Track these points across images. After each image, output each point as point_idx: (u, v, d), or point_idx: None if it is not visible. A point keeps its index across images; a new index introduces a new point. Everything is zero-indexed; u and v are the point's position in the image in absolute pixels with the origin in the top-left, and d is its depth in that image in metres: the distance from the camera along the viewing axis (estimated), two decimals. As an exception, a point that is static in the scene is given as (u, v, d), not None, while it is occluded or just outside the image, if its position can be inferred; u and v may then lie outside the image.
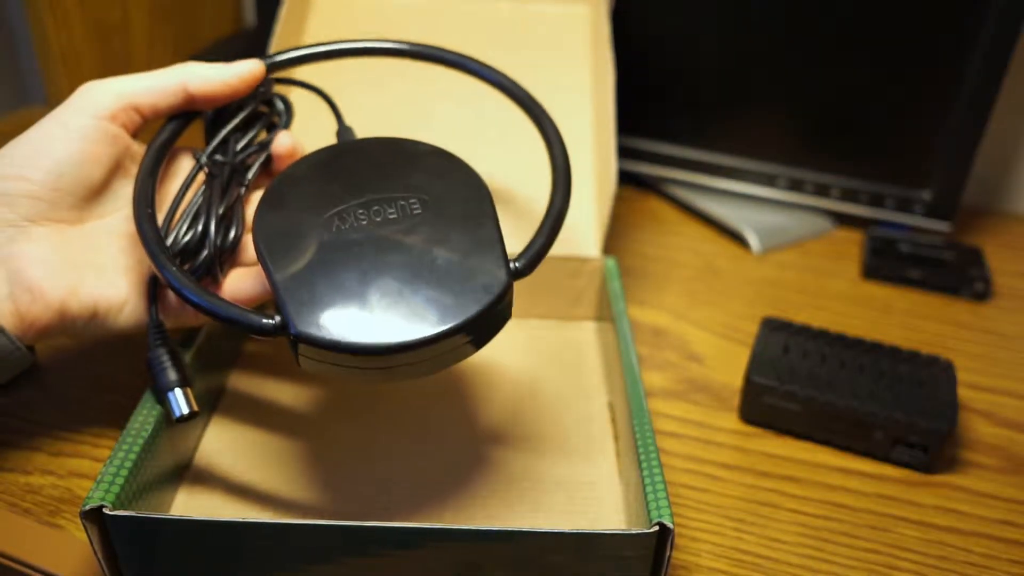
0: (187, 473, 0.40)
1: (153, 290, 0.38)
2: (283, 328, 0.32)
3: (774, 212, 0.66)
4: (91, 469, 0.40)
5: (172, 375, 0.37)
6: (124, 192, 0.39)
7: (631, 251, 0.62)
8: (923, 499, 0.42)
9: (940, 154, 0.61)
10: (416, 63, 0.44)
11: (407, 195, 0.36)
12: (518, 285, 0.35)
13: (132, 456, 0.34)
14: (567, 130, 0.48)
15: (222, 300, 0.33)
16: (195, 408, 0.37)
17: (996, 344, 0.54)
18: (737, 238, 0.65)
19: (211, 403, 0.43)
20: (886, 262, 0.60)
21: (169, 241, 0.37)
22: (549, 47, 0.58)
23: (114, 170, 0.38)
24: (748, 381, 0.45)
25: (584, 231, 0.51)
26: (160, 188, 0.40)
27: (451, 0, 0.59)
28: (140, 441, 0.35)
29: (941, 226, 0.63)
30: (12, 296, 0.35)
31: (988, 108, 0.58)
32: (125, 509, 0.32)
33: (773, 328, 0.48)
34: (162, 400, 0.37)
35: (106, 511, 0.31)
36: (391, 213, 0.35)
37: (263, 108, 0.43)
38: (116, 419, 0.43)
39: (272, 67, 0.42)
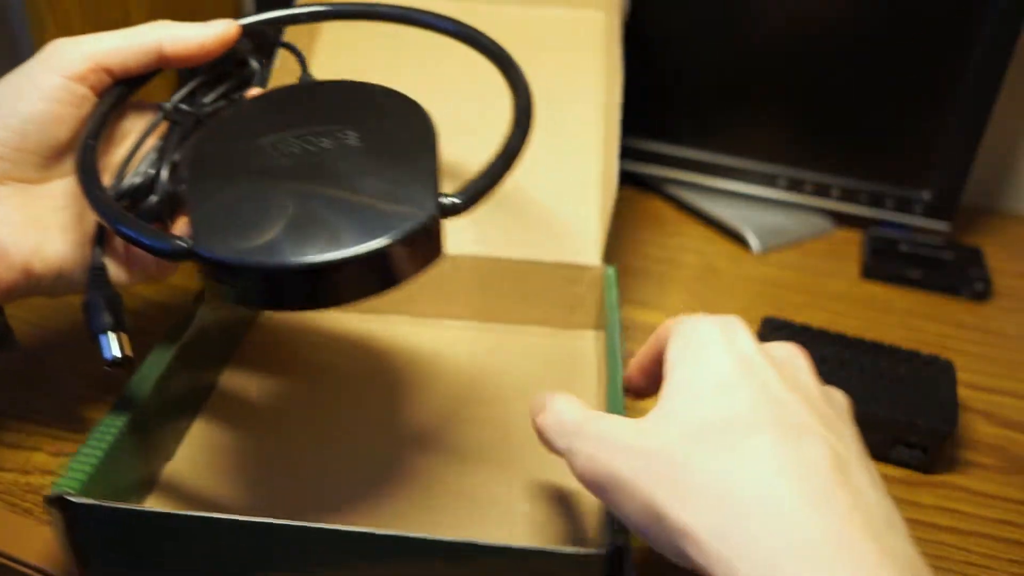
0: (162, 472, 0.40)
1: (100, 235, 0.37)
2: (190, 255, 0.31)
3: (774, 212, 0.66)
4: (91, 469, 0.40)
5: (107, 318, 0.35)
6: None
7: (632, 252, 0.62)
8: (923, 499, 0.42)
9: (940, 154, 0.61)
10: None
11: (346, 127, 0.35)
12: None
13: (103, 446, 0.34)
14: (577, 137, 0.48)
15: (131, 217, 0.32)
16: (128, 353, 0.35)
17: (996, 344, 0.54)
18: (737, 238, 0.65)
19: (196, 403, 0.43)
20: (886, 262, 0.60)
21: (120, 184, 0.37)
22: (560, 52, 0.58)
23: (79, 131, 0.37)
24: (748, 381, 0.45)
25: (585, 238, 0.51)
26: (123, 142, 0.39)
27: (462, 4, 0.59)
28: (113, 431, 0.35)
29: (941, 226, 0.63)
30: None
31: (988, 108, 0.58)
32: (91, 498, 0.32)
33: (773, 328, 0.48)
34: (95, 342, 0.35)
35: (71, 498, 0.31)
36: (325, 143, 0.34)
37: (238, 68, 0.43)
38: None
39: (247, 28, 0.41)
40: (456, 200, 0.33)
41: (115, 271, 0.38)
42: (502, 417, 0.44)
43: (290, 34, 0.54)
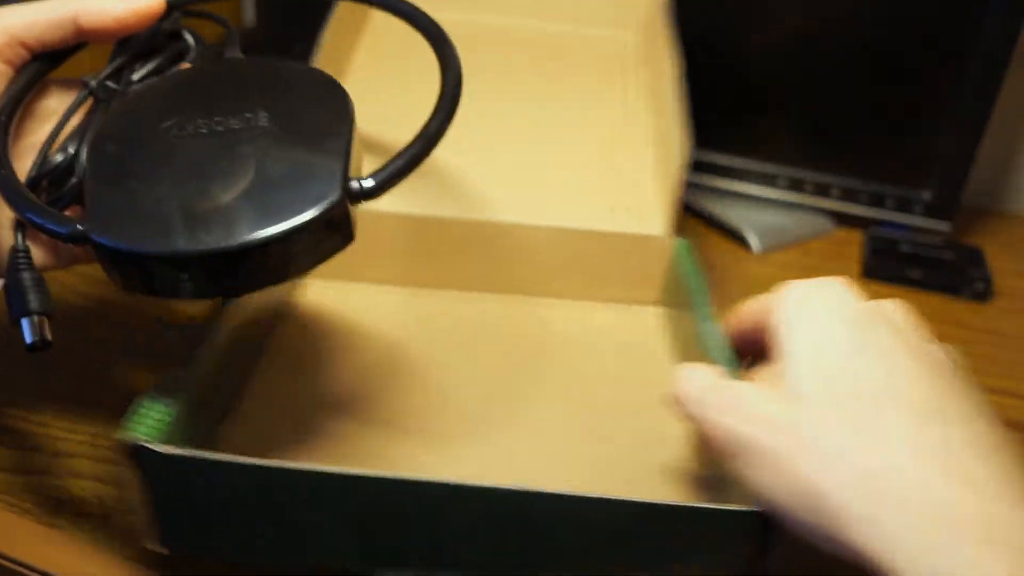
0: (218, 432, 0.39)
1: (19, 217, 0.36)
2: (83, 239, 0.30)
3: (774, 212, 0.66)
4: (91, 469, 0.40)
5: (30, 301, 0.33)
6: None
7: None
8: (923, 499, 0.42)
9: (940, 154, 0.61)
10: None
11: (257, 108, 0.33)
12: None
13: (172, 400, 0.33)
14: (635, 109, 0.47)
15: (34, 199, 0.31)
16: (48, 338, 0.33)
17: (996, 344, 0.54)
18: (737, 238, 0.65)
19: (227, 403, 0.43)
20: (886, 262, 0.60)
21: (40, 164, 0.35)
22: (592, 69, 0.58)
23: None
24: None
25: (645, 207, 0.50)
26: (47, 121, 0.38)
27: (499, 23, 0.59)
28: (184, 386, 0.34)
29: (941, 226, 0.63)
30: None
31: (988, 108, 0.58)
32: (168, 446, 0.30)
33: (773, 328, 0.48)
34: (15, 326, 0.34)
35: (151, 447, 0.30)
36: (234, 124, 0.32)
37: (169, 42, 0.40)
38: (116, 419, 0.43)
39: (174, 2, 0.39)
40: (367, 183, 0.31)
41: (40, 255, 0.36)
42: (571, 392, 0.43)
43: (334, 30, 0.53)
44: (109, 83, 0.38)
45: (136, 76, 0.39)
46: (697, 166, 0.67)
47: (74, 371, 0.46)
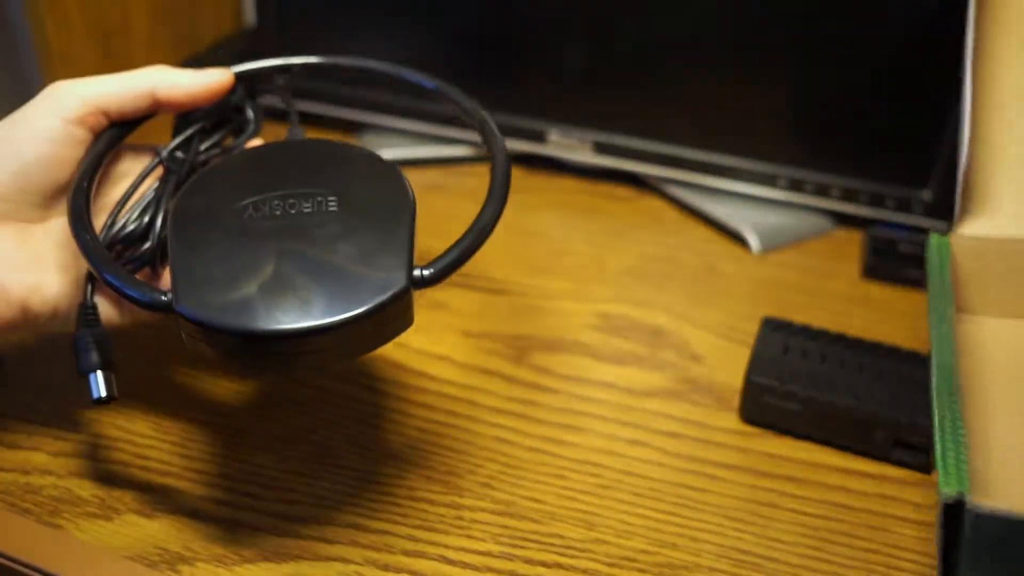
0: None
1: (92, 274, 0.37)
2: (168, 308, 0.32)
3: (774, 212, 0.66)
4: (91, 469, 0.40)
5: (95, 357, 0.35)
6: None
7: (631, 251, 0.62)
8: (923, 499, 0.42)
9: (940, 154, 0.61)
10: None
11: (326, 192, 0.36)
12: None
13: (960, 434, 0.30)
14: None
15: (119, 267, 0.33)
16: (114, 394, 0.36)
17: (996, 344, 0.54)
18: (737, 238, 0.65)
19: None
20: (886, 262, 0.60)
21: (115, 228, 0.38)
22: None
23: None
24: (748, 381, 0.45)
25: None
26: (119, 183, 0.41)
27: None
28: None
29: (941, 226, 0.63)
30: None
31: (988, 108, 0.58)
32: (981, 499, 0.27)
33: (773, 328, 0.48)
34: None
35: (970, 505, 0.28)
36: (306, 207, 0.35)
37: (233, 115, 0.44)
38: (117, 419, 0.43)
39: (241, 76, 0.43)
40: (428, 272, 0.34)
41: (107, 311, 0.38)
42: None
43: None
44: (178, 153, 0.40)
45: (203, 147, 0.42)
46: (697, 166, 0.67)
47: (75, 369, 0.46)
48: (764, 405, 0.45)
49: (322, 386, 0.46)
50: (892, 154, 0.63)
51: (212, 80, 0.40)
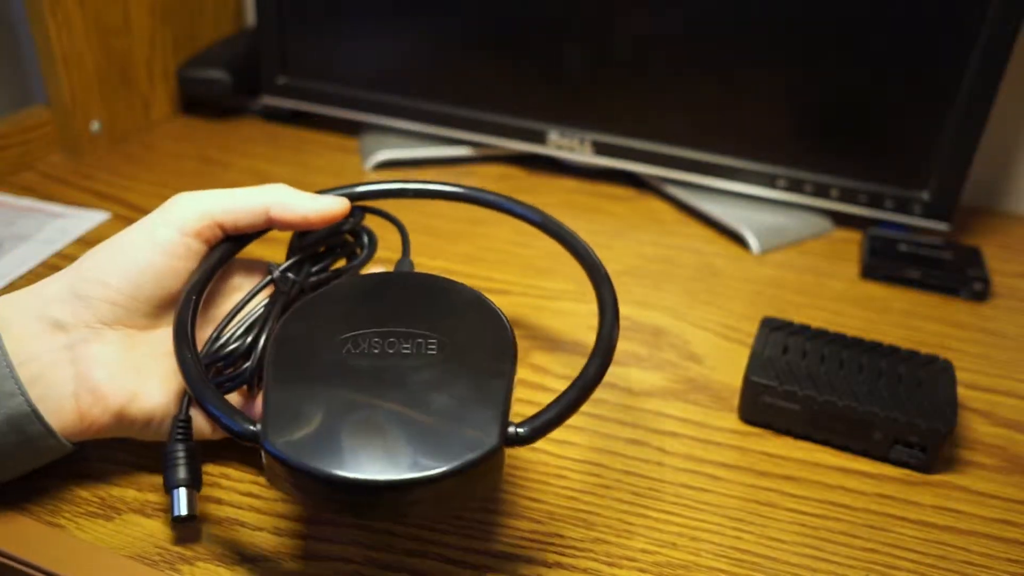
0: None
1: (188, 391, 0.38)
2: (256, 439, 0.32)
3: (773, 212, 0.66)
4: (92, 469, 0.40)
5: (182, 473, 0.36)
6: None
7: (631, 251, 0.62)
8: (922, 499, 0.42)
9: (939, 154, 0.61)
10: None
11: (427, 334, 0.35)
12: None
13: None
14: None
15: (214, 391, 0.34)
16: (195, 513, 0.36)
17: (995, 344, 0.55)
18: (736, 238, 0.65)
19: None
20: (885, 262, 0.60)
21: (218, 344, 0.39)
22: None
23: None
24: (747, 381, 0.45)
25: None
26: (229, 296, 0.42)
27: None
28: None
29: (940, 226, 0.63)
30: (76, 395, 0.36)
31: (987, 108, 0.58)
32: None
33: (772, 328, 0.48)
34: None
35: None
36: (405, 348, 0.35)
37: (349, 237, 0.44)
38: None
39: (356, 199, 0.43)
40: (521, 431, 0.33)
41: (200, 423, 0.39)
42: None
43: None
44: (289, 274, 0.41)
45: (314, 268, 0.42)
46: (697, 166, 0.67)
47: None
48: (763, 405, 0.45)
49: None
50: (891, 155, 0.63)
51: (327, 207, 0.41)
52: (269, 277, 0.41)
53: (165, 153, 0.73)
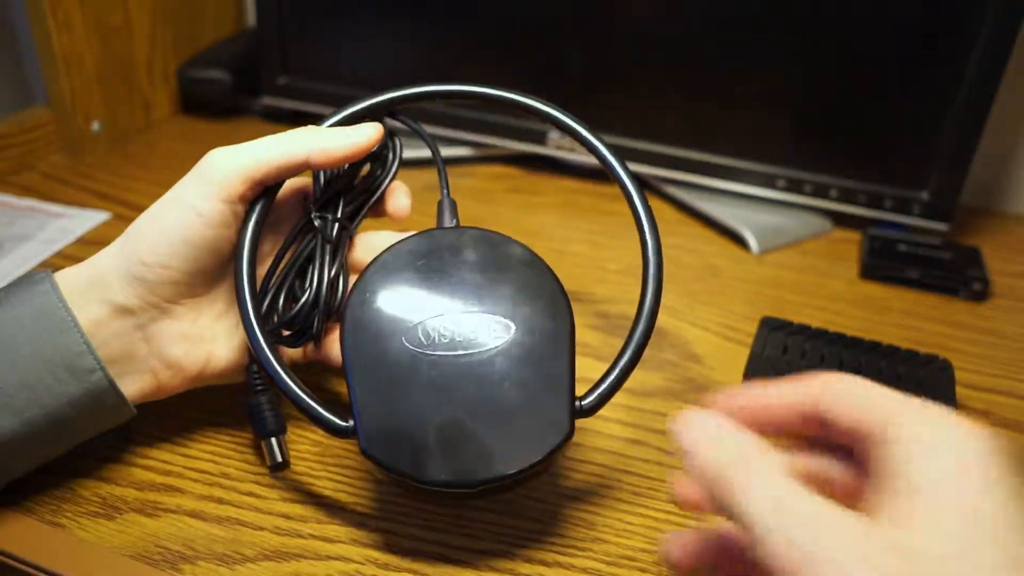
0: None
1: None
2: (353, 435, 0.35)
3: (773, 212, 0.67)
4: (93, 469, 0.40)
5: (272, 423, 0.40)
6: None
7: (631, 251, 0.62)
8: (921, 498, 0.42)
9: (938, 155, 0.61)
10: None
11: (493, 316, 0.36)
12: None
13: None
14: None
15: (303, 389, 0.36)
16: (288, 459, 0.40)
17: (994, 344, 0.55)
18: (736, 238, 0.65)
19: None
20: (884, 262, 0.60)
21: (276, 298, 0.39)
22: None
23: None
24: (747, 381, 0.45)
25: None
26: (272, 234, 0.42)
27: None
28: None
29: (939, 226, 0.63)
30: (154, 371, 0.38)
31: (986, 109, 0.58)
32: None
33: (772, 328, 0.48)
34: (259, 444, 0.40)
35: None
36: (473, 335, 0.36)
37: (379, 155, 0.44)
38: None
39: (388, 109, 0.42)
40: (587, 404, 0.36)
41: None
42: None
43: None
44: (328, 215, 0.41)
45: (349, 197, 0.42)
46: (697, 166, 0.67)
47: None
48: (763, 405, 0.45)
49: (322, 386, 0.47)
50: (890, 155, 0.63)
51: (365, 140, 0.39)
52: (307, 217, 0.41)
53: (165, 153, 0.73)
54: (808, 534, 0.22)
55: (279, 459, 0.40)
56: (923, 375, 0.45)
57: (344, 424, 0.35)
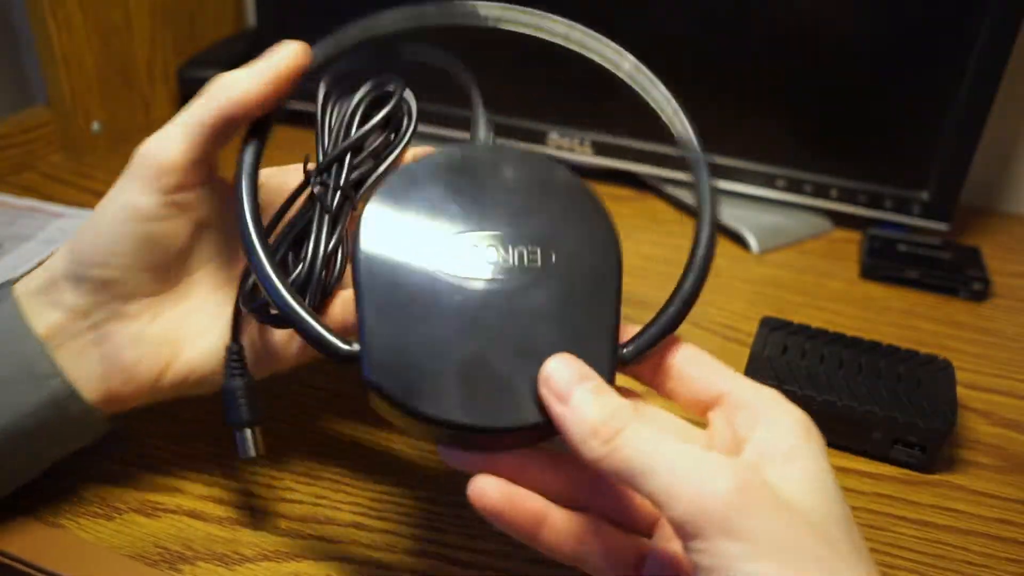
0: None
1: (237, 318, 0.36)
2: (356, 362, 0.29)
3: (773, 212, 0.67)
4: (93, 469, 0.40)
5: (245, 413, 0.35)
6: (207, 245, 0.38)
7: (631, 251, 0.62)
8: (921, 498, 0.42)
9: (938, 155, 0.61)
10: None
11: (530, 243, 0.31)
12: None
13: None
14: None
15: (306, 309, 0.30)
16: (261, 452, 0.35)
17: (994, 344, 0.55)
18: (736, 238, 0.65)
19: None
20: (884, 262, 0.60)
21: (294, 275, 0.34)
22: None
23: (193, 230, 0.37)
24: (747, 381, 0.45)
25: None
26: (271, 193, 0.39)
27: None
28: None
29: (939, 226, 0.63)
30: (105, 376, 0.35)
31: (986, 108, 0.58)
32: None
33: (772, 328, 0.48)
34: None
35: None
36: (506, 261, 0.31)
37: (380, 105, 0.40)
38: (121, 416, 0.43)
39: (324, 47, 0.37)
40: (626, 353, 0.31)
41: (252, 356, 0.37)
42: None
43: None
44: (328, 178, 0.37)
45: (355, 162, 0.37)
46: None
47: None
48: (763, 405, 0.45)
49: (323, 387, 0.47)
50: (890, 155, 0.63)
51: (276, 63, 0.36)
52: (307, 182, 0.36)
53: (165, 153, 0.73)
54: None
55: (251, 453, 0.35)
56: (923, 375, 0.45)
57: (347, 347, 0.30)
